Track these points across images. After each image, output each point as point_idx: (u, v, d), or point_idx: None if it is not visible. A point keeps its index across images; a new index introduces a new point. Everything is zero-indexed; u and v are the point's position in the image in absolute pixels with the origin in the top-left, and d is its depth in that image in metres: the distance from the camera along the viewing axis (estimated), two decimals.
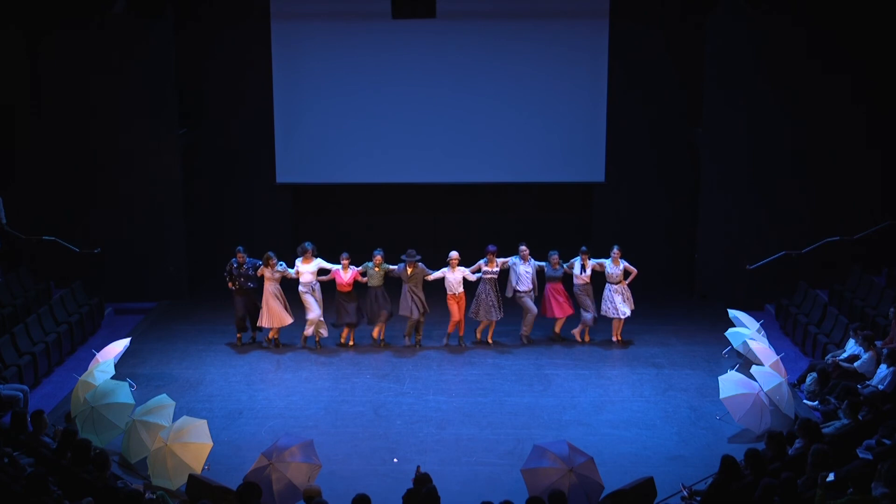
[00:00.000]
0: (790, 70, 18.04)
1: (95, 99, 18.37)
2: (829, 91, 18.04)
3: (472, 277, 16.27)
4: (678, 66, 19.39)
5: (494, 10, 19.09)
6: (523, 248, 16.32)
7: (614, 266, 16.27)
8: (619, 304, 16.29)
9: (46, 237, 18.37)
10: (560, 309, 16.44)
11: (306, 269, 16.18)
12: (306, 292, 16.18)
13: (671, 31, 19.27)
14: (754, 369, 13.64)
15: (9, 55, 18.29)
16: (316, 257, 16.32)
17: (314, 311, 16.22)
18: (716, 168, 18.61)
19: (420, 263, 16.24)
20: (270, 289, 16.13)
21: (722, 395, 13.28)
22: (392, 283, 16.42)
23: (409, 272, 16.16)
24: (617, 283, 16.28)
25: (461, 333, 16.52)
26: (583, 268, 16.36)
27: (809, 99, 18.08)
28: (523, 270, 16.25)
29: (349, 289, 16.15)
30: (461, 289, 16.20)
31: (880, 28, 17.75)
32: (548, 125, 19.48)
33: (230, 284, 16.37)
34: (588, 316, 16.45)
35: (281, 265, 16.20)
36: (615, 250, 16.29)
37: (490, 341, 16.57)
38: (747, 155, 18.35)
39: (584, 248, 16.50)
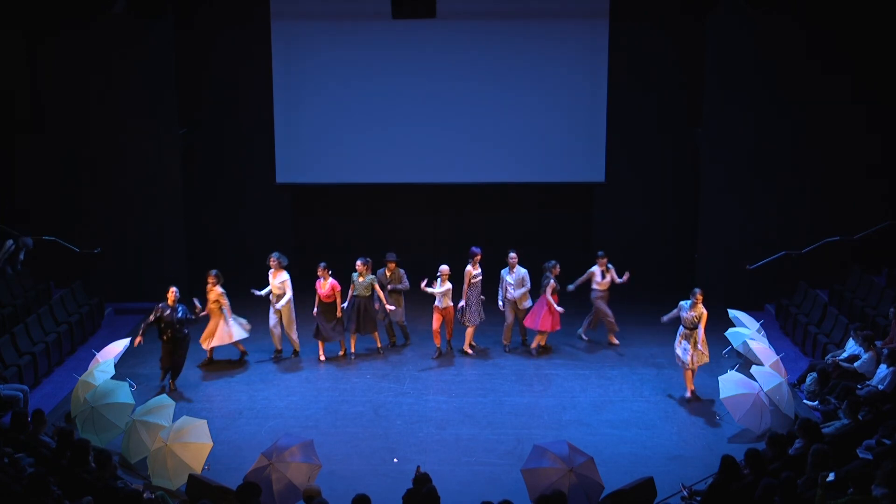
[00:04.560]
0: (790, 70, 18.03)
1: (95, 99, 18.37)
2: (829, 91, 18.03)
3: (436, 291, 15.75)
4: (678, 65, 19.38)
5: (494, 10, 19.08)
6: (512, 255, 16.05)
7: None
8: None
9: (46, 237, 18.38)
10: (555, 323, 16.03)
11: (272, 282, 15.78)
12: (274, 303, 15.77)
13: (671, 31, 19.25)
14: (754, 369, 13.65)
15: (9, 55, 18.29)
16: (283, 270, 15.78)
17: (269, 322, 15.90)
18: (716, 168, 18.60)
19: (400, 269, 16.01)
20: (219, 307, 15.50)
21: (722, 395, 13.28)
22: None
23: (387, 275, 15.97)
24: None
25: (449, 336, 16.22)
26: (602, 273, 16.19)
27: (809, 99, 18.07)
28: (510, 279, 15.99)
29: (329, 300, 15.68)
30: (450, 302, 15.88)
31: (880, 28, 17.74)
32: (548, 125, 19.47)
33: (160, 335, 14.82)
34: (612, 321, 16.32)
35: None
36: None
37: (474, 346, 16.36)
38: (747, 155, 18.35)
39: (600, 252, 16.34)
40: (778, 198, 18.46)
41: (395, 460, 12.77)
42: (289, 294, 15.75)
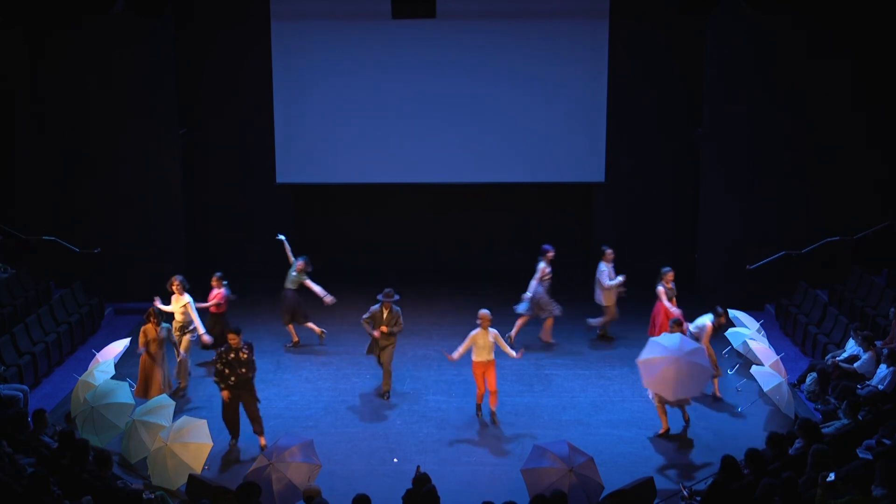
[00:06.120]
0: (790, 70, 18.01)
1: (95, 99, 18.35)
2: (829, 91, 18.03)
3: (511, 353, 13.56)
4: (679, 65, 19.38)
5: (494, 10, 19.07)
6: (609, 251, 16.41)
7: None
8: None
9: (46, 237, 18.38)
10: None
11: (173, 307, 14.90)
12: (181, 333, 14.69)
13: (671, 31, 19.25)
14: (754, 369, 13.65)
15: (9, 55, 18.29)
16: (186, 293, 14.93)
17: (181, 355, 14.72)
18: (716, 168, 18.60)
19: (396, 307, 14.37)
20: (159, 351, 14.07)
21: (639, 358, 13.05)
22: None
23: (383, 315, 14.34)
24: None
25: (494, 407, 13.85)
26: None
27: (810, 99, 18.06)
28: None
29: (214, 310, 15.41)
30: (491, 355, 13.60)
31: (880, 28, 17.73)
32: (548, 125, 19.46)
33: (224, 383, 12.81)
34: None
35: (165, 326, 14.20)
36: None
37: (551, 340, 16.49)
38: (748, 155, 18.33)
39: (719, 308, 14.50)
40: (778, 198, 18.43)
41: (395, 460, 12.77)
42: (196, 322, 14.81)
